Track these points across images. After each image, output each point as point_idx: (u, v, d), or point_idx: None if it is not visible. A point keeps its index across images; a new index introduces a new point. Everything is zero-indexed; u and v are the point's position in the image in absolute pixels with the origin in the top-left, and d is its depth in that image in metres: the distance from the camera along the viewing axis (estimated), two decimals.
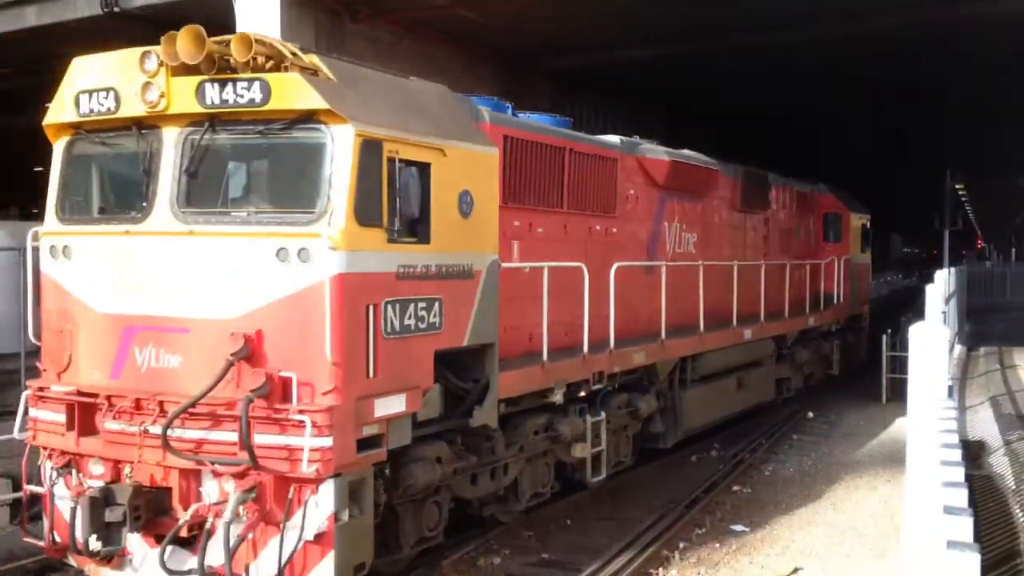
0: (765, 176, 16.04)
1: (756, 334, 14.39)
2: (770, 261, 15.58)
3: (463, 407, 8.14)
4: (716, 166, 13.80)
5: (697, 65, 22.04)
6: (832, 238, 19.61)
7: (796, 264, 16.95)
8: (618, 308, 10.32)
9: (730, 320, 13.62)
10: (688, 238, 12.93)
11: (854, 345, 20.60)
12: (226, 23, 16.68)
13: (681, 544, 9.55)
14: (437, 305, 7.50)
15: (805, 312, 16.95)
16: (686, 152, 13.06)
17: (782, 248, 16.79)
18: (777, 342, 15.70)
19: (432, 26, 18.71)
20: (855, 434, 15.09)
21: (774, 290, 15.35)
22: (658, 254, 12.02)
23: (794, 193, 17.72)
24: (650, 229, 11.93)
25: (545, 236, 9.61)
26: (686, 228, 12.87)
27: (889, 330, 18.30)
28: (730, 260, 13.90)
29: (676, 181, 12.28)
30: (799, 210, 17.98)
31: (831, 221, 19.75)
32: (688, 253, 12.86)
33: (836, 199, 20.29)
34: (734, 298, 13.67)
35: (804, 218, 18.38)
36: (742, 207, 14.78)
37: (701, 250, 13.24)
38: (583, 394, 9.95)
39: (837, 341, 19.26)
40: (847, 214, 20.36)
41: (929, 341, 6.34)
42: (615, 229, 11.02)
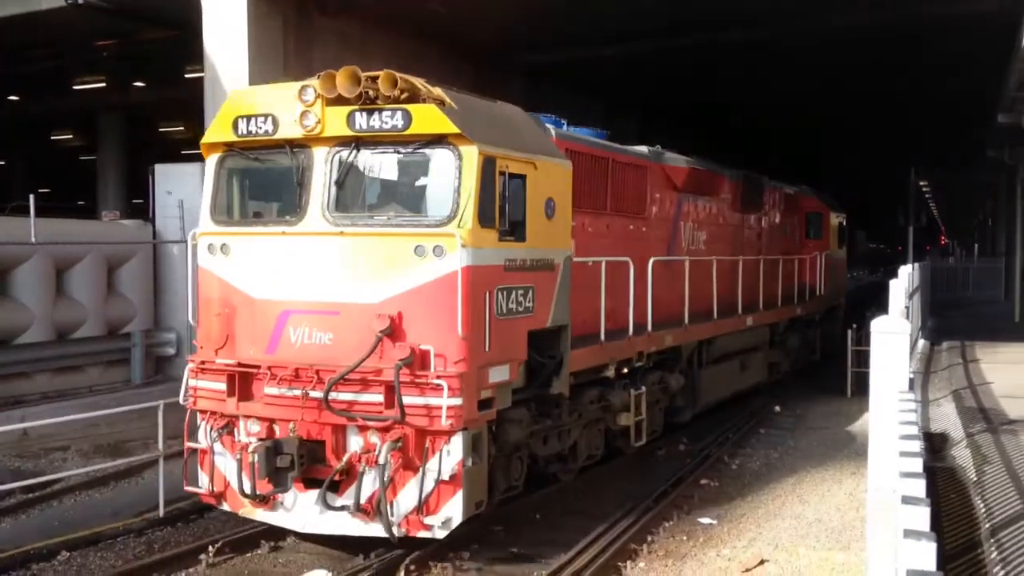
0: (760, 179, 17.56)
1: (755, 321, 16.18)
2: (765, 256, 17.21)
3: (541, 378, 9.51)
4: (721, 171, 15.40)
5: (668, 61, 22.19)
6: (814, 235, 21.23)
7: (786, 259, 18.48)
8: (652, 297, 11.82)
9: (736, 309, 15.23)
10: (699, 236, 14.38)
11: (832, 333, 21.95)
12: (190, 16, 16.53)
13: (649, 537, 9.55)
14: (531, 292, 9.12)
15: (794, 302, 18.81)
16: (681, 157, 14.12)
17: (774, 245, 18.21)
18: (771, 329, 17.50)
19: (403, 21, 18.67)
20: (821, 428, 15.21)
21: (769, 282, 17.10)
22: (676, 250, 13.42)
23: (783, 194, 19.21)
24: (670, 228, 13.38)
25: (595, 235, 10.97)
26: (697, 227, 14.32)
27: (855, 325, 18.52)
28: (732, 256, 15.37)
29: (691, 185, 13.82)
30: (787, 210, 19.40)
31: (813, 220, 21.38)
32: (699, 249, 14.23)
33: (817, 200, 21.97)
34: (739, 289, 15.37)
35: (791, 217, 19.81)
36: (741, 208, 16.26)
37: (709, 246, 14.63)
38: (626, 371, 11.51)
39: (819, 329, 21.08)
40: (827, 213, 22.07)
41: (890, 334, 6.43)
42: (644, 228, 12.47)
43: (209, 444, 8.96)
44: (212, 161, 9.22)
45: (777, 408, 16.57)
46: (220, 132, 9.03)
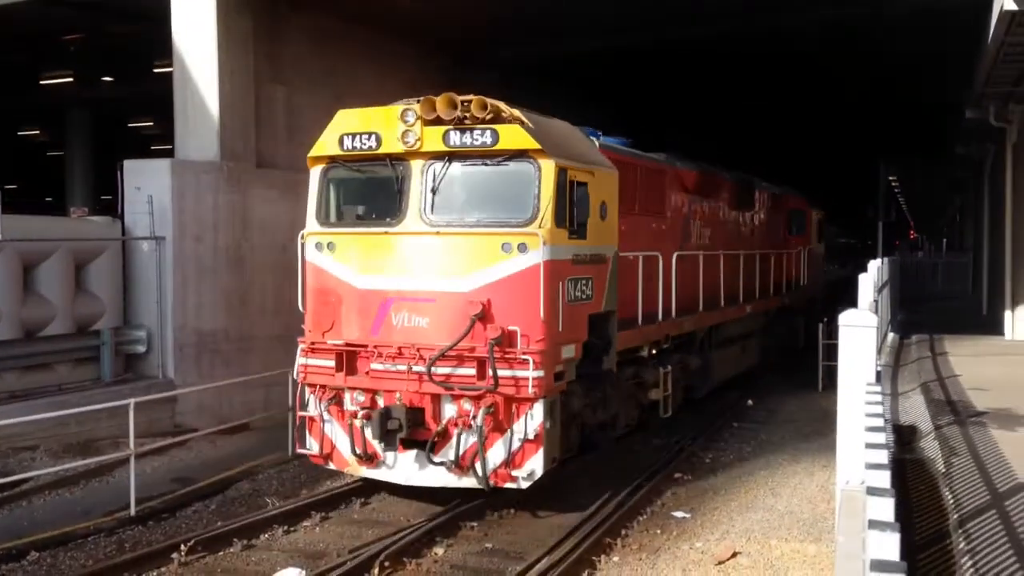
0: (751, 180, 18.92)
1: (752, 310, 17.86)
2: (758, 251, 18.52)
3: (592, 356, 10.81)
4: (720, 173, 16.85)
5: (644, 55, 22.25)
6: (796, 231, 22.54)
7: (776, 253, 20.11)
8: (676, 287, 13.40)
9: (737, 298, 16.86)
10: (705, 232, 15.64)
11: (813, 323, 22.47)
12: (159, 10, 16.33)
13: (623, 531, 9.64)
14: (590, 282, 10.61)
15: (782, 293, 20.56)
16: (691, 163, 15.60)
17: (763, 240, 19.45)
18: (763, 317, 19.02)
19: (376, 16, 18.54)
20: (793, 421, 15.35)
21: (763, 274, 18.65)
22: (688, 245, 14.59)
23: (770, 194, 20.44)
24: (682, 225, 14.64)
25: (628, 232, 12.03)
26: (703, 224, 15.58)
27: (825, 319, 18.67)
28: (730, 250, 16.66)
29: (699, 187, 15.25)
30: (773, 207, 20.56)
31: (796, 217, 22.60)
32: (705, 244, 15.49)
33: (799, 198, 23.37)
34: (740, 280, 17.01)
35: (776, 214, 20.92)
36: (736, 206, 17.57)
37: (713, 241, 15.88)
38: (654, 352, 12.91)
39: (802, 318, 22.31)
40: (808, 211, 23.70)
41: (857, 328, 6.48)
42: (664, 226, 13.78)
43: (319, 413, 10.34)
44: (316, 172, 10.66)
45: (750, 402, 16.71)
46: (326, 147, 10.46)
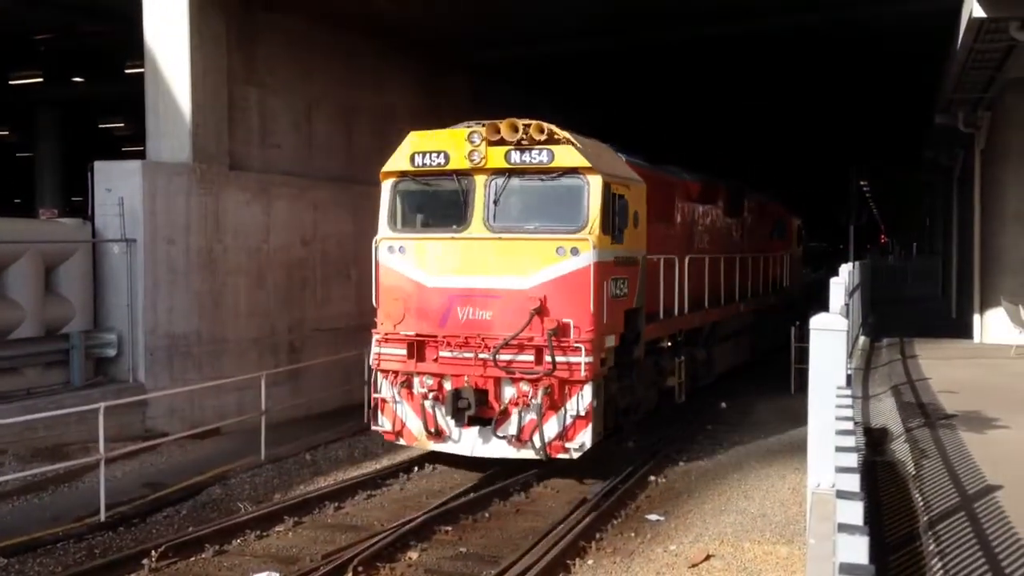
0: (742, 188, 20.18)
1: (745, 308, 19.32)
2: (749, 255, 19.90)
3: (625, 346, 12.15)
4: (717, 182, 18.18)
5: (620, 58, 22.32)
6: (779, 236, 23.93)
7: (764, 256, 21.63)
8: (688, 286, 14.82)
9: (734, 297, 18.30)
10: (705, 237, 16.86)
11: (793, 323, 22.99)
12: (130, 9, 16.17)
13: (598, 535, 9.65)
14: (626, 282, 12.08)
15: (769, 293, 22.15)
16: (695, 174, 17.04)
17: (753, 245, 20.66)
18: (754, 316, 20.35)
19: (349, 17, 18.49)
20: (766, 423, 15.43)
21: (753, 276, 20.25)
22: (692, 249, 15.73)
23: (757, 201, 21.61)
24: (689, 231, 15.95)
25: (650, 237, 13.28)
26: (704, 230, 16.83)
27: (797, 322, 18.80)
28: (725, 253, 17.84)
29: (700, 196, 16.59)
30: (760, 214, 21.69)
31: (779, 223, 23.98)
32: (705, 248, 16.67)
33: (781, 206, 25.01)
34: (736, 282, 18.51)
35: (761, 220, 21.98)
36: (730, 213, 18.76)
37: (711, 245, 17.07)
38: (669, 344, 14.38)
39: (786, 317, 22.58)
40: (789, 217, 25.54)
41: (828, 331, 6.52)
42: (673, 232, 15.09)
43: (392, 395, 11.71)
44: (388, 184, 12.15)
45: (723, 405, 16.79)
46: (399, 163, 11.95)
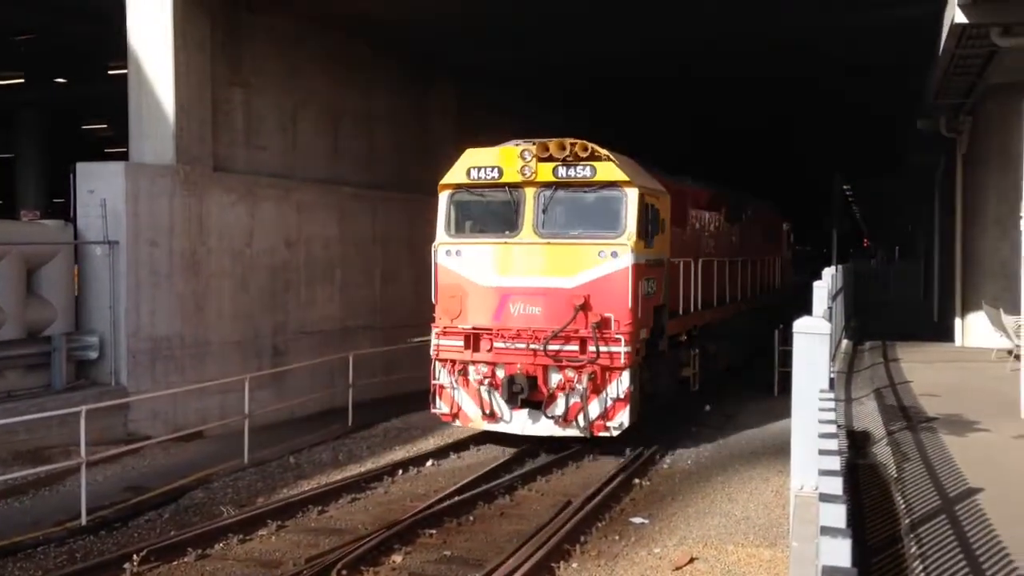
0: (741, 195, 21.84)
1: (746, 307, 20.88)
2: (748, 258, 21.24)
3: (653, 339, 13.65)
4: (721, 190, 19.51)
5: (606, 61, 22.35)
6: (772, 241, 25.46)
7: (761, 260, 23.14)
8: (701, 286, 16.40)
9: (736, 297, 19.72)
10: (711, 242, 18.10)
11: (784, 322, 23.54)
12: (113, 9, 16.07)
13: (582, 538, 9.66)
14: (655, 281, 13.62)
15: (765, 294, 23.68)
16: (703, 184, 18.19)
17: (750, 249, 21.81)
18: (752, 314, 21.58)
19: (334, 19, 18.45)
20: (749, 426, 15.48)
21: (751, 279, 21.75)
22: (700, 253, 16.92)
23: (753, 208, 22.85)
24: (696, 236, 17.07)
25: (671, 242, 14.68)
26: (709, 235, 18.04)
27: (781, 325, 18.88)
28: (727, 256, 18.99)
29: (708, 204, 17.97)
30: (755, 219, 22.88)
31: (772, 228, 25.39)
32: (712, 252, 17.88)
33: (773, 211, 26.38)
34: (738, 283, 19.90)
35: (756, 225, 23.12)
36: (731, 219, 19.92)
37: (716, 249, 18.22)
38: (685, 338, 15.73)
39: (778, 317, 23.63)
40: (781, 223, 27.22)
41: (811, 335, 6.55)
42: (688, 237, 16.31)
43: (450, 382, 13.24)
44: (445, 195, 13.63)
45: (707, 407, 16.83)
46: (456, 177, 13.53)
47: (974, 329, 18.94)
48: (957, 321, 19.59)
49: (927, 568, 6.35)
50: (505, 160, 13.11)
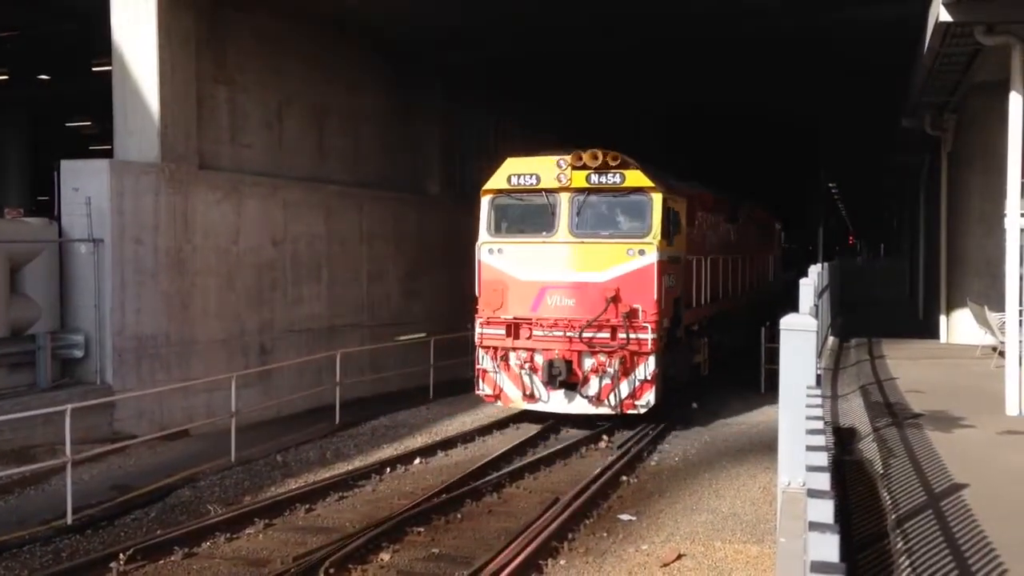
0: (739, 198, 22.94)
1: (745, 301, 22.54)
2: (746, 255, 22.61)
3: (672, 328, 15.04)
4: (721, 193, 20.78)
5: (597, 60, 22.36)
6: (766, 239, 27.06)
7: (757, 257, 24.73)
8: (709, 281, 17.91)
9: (737, 292, 21.41)
10: (714, 240, 19.23)
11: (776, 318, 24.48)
12: (97, 6, 15.97)
13: (570, 535, 9.65)
14: (674, 276, 15.13)
15: (760, 289, 25.25)
16: (707, 189, 19.33)
17: (746, 247, 23.16)
18: (749, 309, 22.99)
19: (320, 17, 18.39)
20: (736, 423, 15.55)
21: (749, 274, 23.32)
22: (705, 251, 18.00)
23: (748, 207, 24.02)
24: (704, 236, 18.16)
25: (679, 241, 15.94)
26: (712, 235, 19.12)
27: (768, 322, 18.94)
28: (727, 254, 20.22)
29: (712, 206, 19.16)
30: (749, 219, 23.96)
31: (765, 227, 26.87)
32: (716, 250, 19.10)
33: (766, 212, 28.15)
34: (738, 279, 21.57)
35: (751, 225, 24.30)
36: (730, 220, 21.04)
37: (718, 247, 19.42)
38: (696, 328, 17.12)
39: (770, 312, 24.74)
40: (773, 222, 29.22)
41: (798, 332, 6.56)
42: (695, 237, 17.20)
43: (492, 367, 14.71)
44: (487, 199, 15.05)
45: (694, 405, 16.86)
46: (497, 183, 14.91)
47: (959, 326, 19.05)
48: (942, 318, 19.71)
49: (913, 563, 6.39)
50: (543, 168, 14.58)
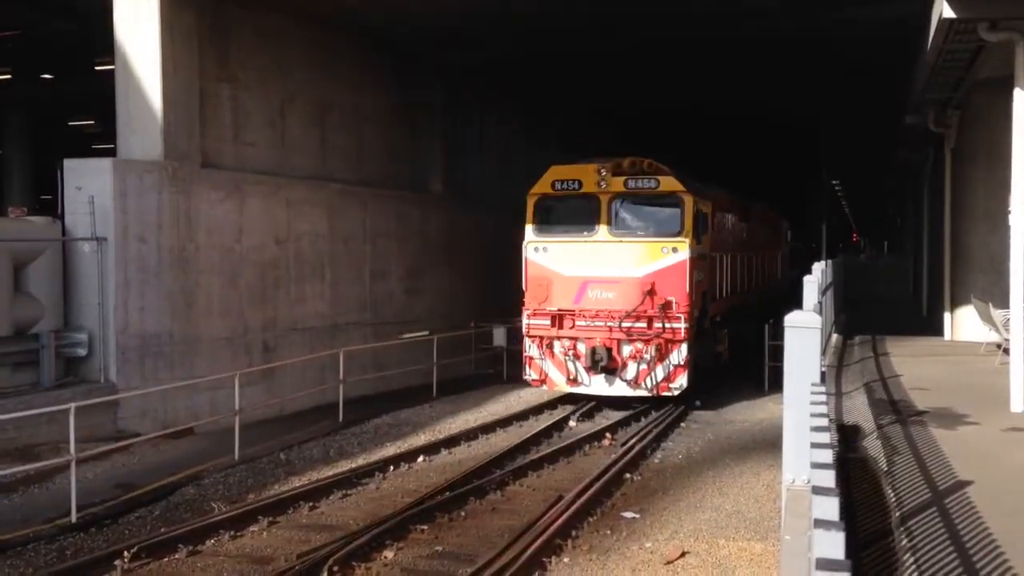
0: (751, 199, 24.38)
1: (758, 297, 24.23)
2: (757, 253, 24.14)
3: (699, 319, 16.47)
4: (734, 194, 21.95)
5: (597, 59, 22.33)
6: (774, 237, 28.86)
7: (766, 254, 26.49)
8: (728, 276, 19.59)
9: (751, 287, 23.02)
10: (731, 239, 20.54)
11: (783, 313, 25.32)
12: (102, 6, 15.97)
13: (574, 532, 9.65)
14: (703, 271, 16.64)
15: (769, 285, 26.93)
16: (723, 189, 20.61)
17: (757, 245, 24.67)
18: (760, 301, 24.45)
19: (322, 16, 18.38)
20: (740, 421, 15.58)
21: (760, 271, 25.03)
22: (721, 248, 19.08)
23: (759, 208, 25.78)
24: (723, 234, 19.38)
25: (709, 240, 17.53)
26: (730, 233, 20.48)
27: (771, 320, 18.91)
28: (741, 251, 21.58)
29: (728, 206, 20.37)
30: (759, 219, 25.58)
31: (773, 226, 28.57)
32: (732, 247, 20.47)
33: (773, 212, 29.80)
34: (752, 275, 23.26)
35: (760, 224, 25.79)
36: (743, 219, 22.41)
37: (734, 245, 20.78)
38: (718, 319, 18.41)
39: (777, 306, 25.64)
40: (781, 221, 31.32)
41: (802, 329, 6.55)
42: (720, 235, 18.67)
43: (538, 354, 16.21)
44: (533, 201, 16.58)
45: (698, 402, 16.87)
46: (543, 187, 16.56)
47: (963, 323, 19.01)
48: (946, 315, 19.67)
49: (918, 561, 6.38)
50: (584, 175, 16.18)
